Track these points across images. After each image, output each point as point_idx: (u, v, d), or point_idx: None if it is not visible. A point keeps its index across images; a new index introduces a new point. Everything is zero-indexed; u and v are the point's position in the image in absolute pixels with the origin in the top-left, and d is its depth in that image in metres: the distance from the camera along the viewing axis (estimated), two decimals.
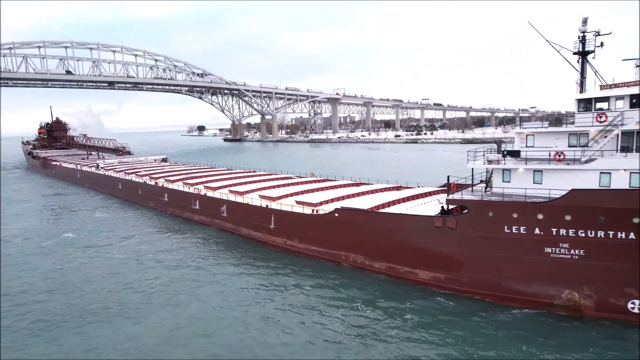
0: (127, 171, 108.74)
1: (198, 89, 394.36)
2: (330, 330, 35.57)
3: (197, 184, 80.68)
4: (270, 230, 57.92)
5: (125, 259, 55.82)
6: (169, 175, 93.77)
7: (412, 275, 44.35)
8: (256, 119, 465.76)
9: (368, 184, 72.41)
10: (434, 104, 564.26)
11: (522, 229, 37.11)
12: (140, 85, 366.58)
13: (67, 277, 50.15)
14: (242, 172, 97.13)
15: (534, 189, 38.54)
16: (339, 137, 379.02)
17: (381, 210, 48.73)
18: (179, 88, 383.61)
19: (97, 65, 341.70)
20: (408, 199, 56.45)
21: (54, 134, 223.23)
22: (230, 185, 75.92)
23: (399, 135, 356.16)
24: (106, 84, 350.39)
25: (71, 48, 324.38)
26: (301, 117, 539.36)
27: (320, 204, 56.82)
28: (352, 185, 72.68)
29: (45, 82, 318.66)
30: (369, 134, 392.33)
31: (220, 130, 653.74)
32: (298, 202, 58.38)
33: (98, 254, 58.53)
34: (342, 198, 59.90)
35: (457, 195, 41.44)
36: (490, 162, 42.46)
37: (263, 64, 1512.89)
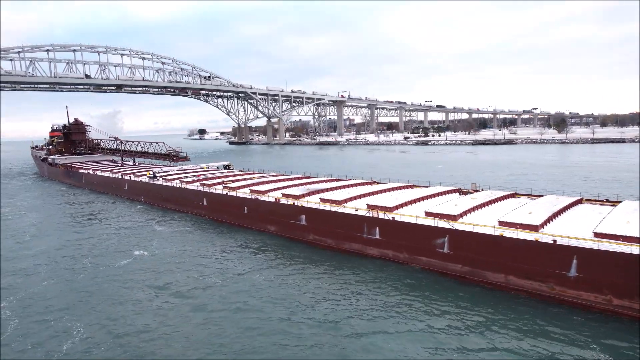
0: (205, 182, 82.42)
1: (204, 92, 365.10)
2: None
3: (345, 200, 56.11)
4: (568, 280, 34.40)
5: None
6: (280, 188, 68.90)
7: None
8: (261, 122, 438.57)
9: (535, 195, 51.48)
10: (437, 106, 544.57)
11: None
12: (147, 88, 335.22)
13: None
14: (359, 181, 73.46)
15: None
16: (347, 140, 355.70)
17: None
18: (185, 91, 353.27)
19: (104, 69, 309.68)
20: None
21: (72, 137, 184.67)
22: (408, 203, 51.96)
23: (408, 137, 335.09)
24: (113, 87, 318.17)
25: (80, 51, 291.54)
26: (300, 119, 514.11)
27: None
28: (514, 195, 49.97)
29: (52, 86, 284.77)
30: (378, 137, 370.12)
31: (222, 133, 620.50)
32: (605, 235, 35.14)
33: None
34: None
35: None
36: None
37: (265, 67, 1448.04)
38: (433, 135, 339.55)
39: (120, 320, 37.01)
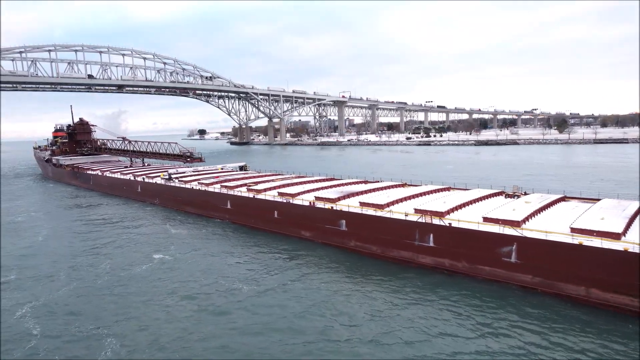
0: (226, 184, 77.95)
1: (206, 92, 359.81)
2: None
3: (388, 204, 52.08)
4: None
5: None
6: (310, 191, 64.97)
7: None
8: (261, 122, 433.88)
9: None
10: (438, 106, 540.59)
11: None
12: (149, 88, 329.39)
13: None
14: (391, 183, 69.76)
15: None
16: (348, 140, 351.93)
17: None
18: (186, 91, 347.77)
19: (105, 69, 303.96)
20: None
21: (77, 137, 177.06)
22: (458, 208, 48.16)
23: (410, 138, 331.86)
24: (115, 87, 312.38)
25: (81, 51, 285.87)
26: (300, 120, 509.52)
27: None
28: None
29: (54, 86, 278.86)
30: (380, 137, 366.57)
31: (222, 133, 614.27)
32: None
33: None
34: None
35: None
36: None
37: (265, 68, 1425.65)
38: (435, 136, 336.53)
39: (153, 327, 34.46)
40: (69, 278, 47.36)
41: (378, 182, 73.96)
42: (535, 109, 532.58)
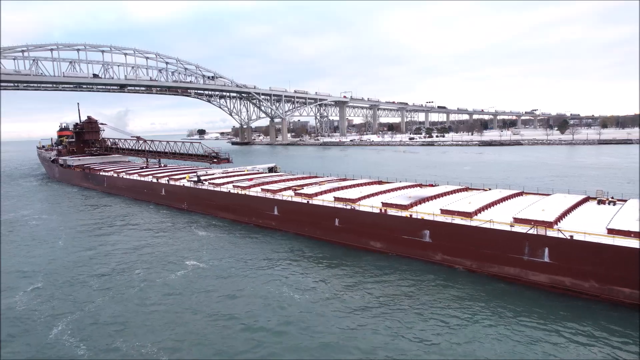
0: (268, 188, 70.88)
1: (207, 92, 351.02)
2: None
3: (475, 212, 46.04)
4: None
5: None
6: (369, 196, 58.72)
7: None
8: (262, 122, 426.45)
9: None
10: (438, 106, 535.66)
11: None
12: (150, 88, 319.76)
13: None
14: (454, 187, 63.61)
15: None
16: (351, 140, 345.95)
17: None
18: (188, 91, 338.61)
19: (107, 69, 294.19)
20: None
21: (85, 136, 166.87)
22: (563, 216, 42.18)
23: (413, 138, 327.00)
24: (117, 87, 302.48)
25: (84, 51, 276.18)
26: (299, 120, 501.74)
27: None
28: None
29: (56, 85, 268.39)
30: (382, 137, 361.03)
31: (222, 133, 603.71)
32: None
33: None
34: None
35: None
36: None
37: (265, 68, 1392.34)
38: (437, 136, 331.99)
39: (210, 344, 30.84)
40: (101, 286, 43.05)
41: (433, 185, 68.01)
42: (535, 110, 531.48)
